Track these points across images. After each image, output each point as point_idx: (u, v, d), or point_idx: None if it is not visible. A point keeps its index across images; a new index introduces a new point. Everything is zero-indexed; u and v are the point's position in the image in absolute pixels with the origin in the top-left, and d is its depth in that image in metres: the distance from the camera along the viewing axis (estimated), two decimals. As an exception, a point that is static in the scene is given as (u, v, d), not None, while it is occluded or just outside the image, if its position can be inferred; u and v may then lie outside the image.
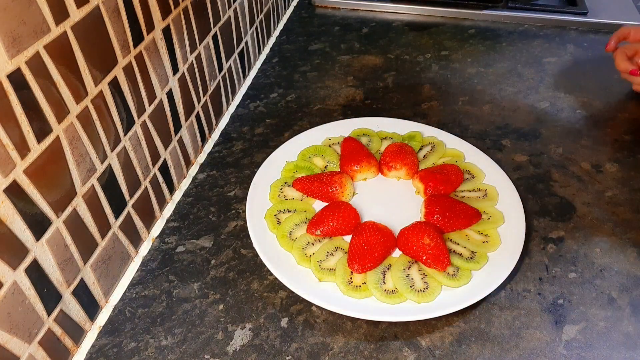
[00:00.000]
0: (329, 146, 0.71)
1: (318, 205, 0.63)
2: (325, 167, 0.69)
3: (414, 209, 0.63)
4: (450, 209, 0.59)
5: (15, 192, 0.40)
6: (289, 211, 0.62)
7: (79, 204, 0.48)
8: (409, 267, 0.55)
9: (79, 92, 0.46)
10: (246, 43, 0.86)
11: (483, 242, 0.57)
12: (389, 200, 0.64)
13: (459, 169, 0.65)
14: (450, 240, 0.58)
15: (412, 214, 0.62)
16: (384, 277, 0.54)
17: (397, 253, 0.57)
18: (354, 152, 0.67)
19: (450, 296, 0.52)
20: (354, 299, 0.52)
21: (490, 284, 0.53)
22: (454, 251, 0.56)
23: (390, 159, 0.66)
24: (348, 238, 0.59)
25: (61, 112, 0.44)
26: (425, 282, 0.53)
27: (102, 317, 0.54)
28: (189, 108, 0.68)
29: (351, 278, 0.54)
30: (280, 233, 0.59)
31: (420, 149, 0.70)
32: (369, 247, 0.55)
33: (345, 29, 1.02)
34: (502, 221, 0.59)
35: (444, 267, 0.53)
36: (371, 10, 1.08)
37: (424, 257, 0.54)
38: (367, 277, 0.54)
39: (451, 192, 0.63)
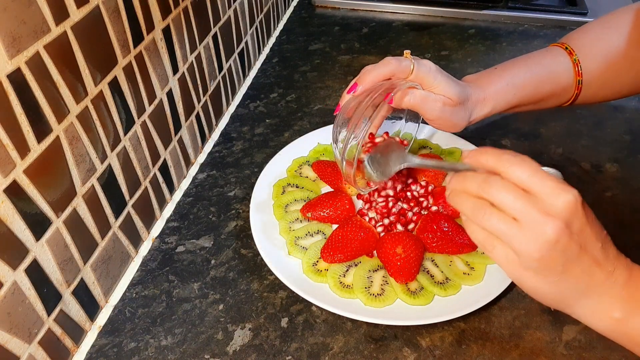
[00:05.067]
0: None
1: (326, 190, 0.65)
2: None
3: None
4: (445, 230, 0.56)
5: (15, 192, 0.40)
6: (297, 187, 0.65)
7: (79, 204, 0.48)
8: (376, 271, 0.55)
9: (79, 92, 0.46)
10: (246, 43, 0.86)
11: (464, 273, 0.54)
12: None
13: None
14: (432, 260, 0.56)
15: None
16: (347, 271, 0.55)
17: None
18: None
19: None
20: (311, 280, 0.54)
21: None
22: (427, 271, 0.55)
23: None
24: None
25: (61, 112, 0.44)
26: (382, 289, 0.53)
27: (102, 317, 0.54)
28: (189, 108, 0.68)
29: (317, 261, 0.56)
30: (278, 202, 0.62)
31: None
32: (346, 242, 0.56)
33: (345, 29, 1.02)
34: None
35: (402, 281, 0.53)
36: (371, 10, 1.08)
37: (389, 265, 0.54)
38: (331, 265, 0.55)
39: (460, 216, 0.61)
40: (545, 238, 0.36)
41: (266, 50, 0.96)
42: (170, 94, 0.63)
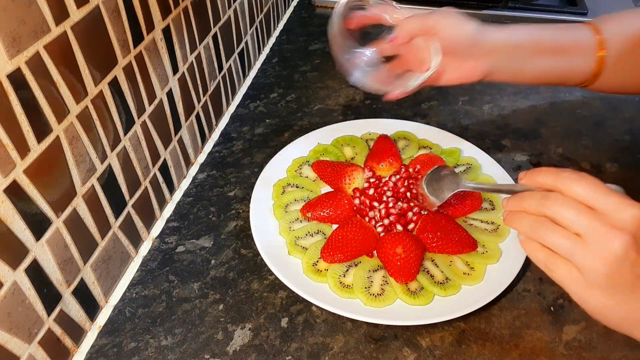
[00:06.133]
0: (366, 140, 0.71)
1: (326, 190, 0.65)
2: (352, 158, 0.69)
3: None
4: (445, 230, 0.56)
5: (15, 192, 0.40)
6: (297, 187, 0.65)
7: (79, 204, 0.48)
8: (376, 271, 0.55)
9: (79, 92, 0.46)
10: (246, 43, 0.86)
11: (464, 273, 0.54)
12: None
13: (480, 197, 0.61)
14: (432, 260, 0.56)
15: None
16: (347, 271, 0.55)
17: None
18: (382, 150, 0.67)
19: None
20: (311, 280, 0.54)
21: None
22: (427, 271, 0.55)
23: (413, 166, 0.65)
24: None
25: (61, 112, 0.44)
26: (382, 289, 0.53)
27: (102, 317, 0.54)
28: (189, 108, 0.68)
29: (317, 261, 0.56)
30: (278, 202, 0.62)
31: (456, 166, 0.67)
32: (346, 242, 0.56)
33: (345, 29, 1.02)
34: (496, 260, 0.56)
35: (402, 281, 0.53)
36: (371, 10, 1.08)
37: (389, 265, 0.54)
38: (331, 265, 0.55)
39: (460, 216, 0.60)
40: (612, 251, 0.34)
41: (266, 50, 0.96)
42: (170, 94, 0.63)
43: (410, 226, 0.59)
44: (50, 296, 0.46)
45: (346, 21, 0.57)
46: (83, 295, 0.51)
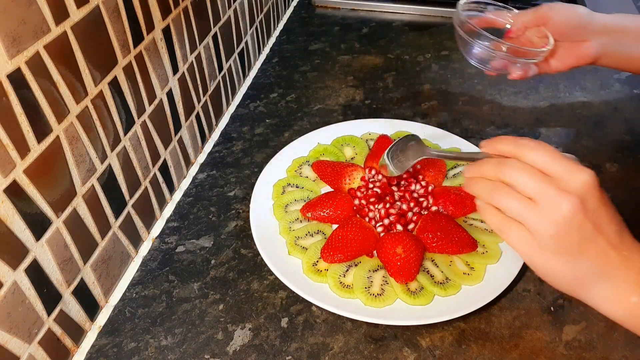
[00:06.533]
0: (366, 140, 0.71)
1: (326, 190, 0.65)
2: (352, 158, 0.69)
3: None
4: (445, 230, 0.56)
5: (15, 192, 0.40)
6: (297, 186, 0.65)
7: (79, 204, 0.48)
8: (376, 270, 0.55)
9: (79, 92, 0.46)
10: (246, 43, 0.86)
11: (464, 273, 0.54)
12: None
13: None
14: (432, 260, 0.56)
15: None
16: (347, 271, 0.55)
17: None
18: (382, 150, 0.66)
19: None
20: (311, 280, 0.54)
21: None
22: (427, 271, 0.55)
23: (413, 166, 0.65)
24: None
25: (61, 112, 0.44)
26: (382, 289, 0.53)
27: (102, 317, 0.54)
28: (189, 108, 0.68)
29: (317, 261, 0.56)
30: (278, 202, 0.62)
31: (455, 167, 0.67)
32: (346, 242, 0.56)
33: (345, 29, 1.02)
34: (497, 260, 0.55)
35: (402, 281, 0.53)
36: (371, 10, 1.08)
37: (389, 265, 0.54)
38: (331, 265, 0.55)
39: (460, 216, 0.60)
40: (561, 214, 0.36)
41: (266, 50, 0.96)
42: (170, 94, 0.63)
43: (410, 226, 0.59)
44: (50, 296, 0.46)
45: (465, 21, 0.61)
46: (83, 295, 0.51)
